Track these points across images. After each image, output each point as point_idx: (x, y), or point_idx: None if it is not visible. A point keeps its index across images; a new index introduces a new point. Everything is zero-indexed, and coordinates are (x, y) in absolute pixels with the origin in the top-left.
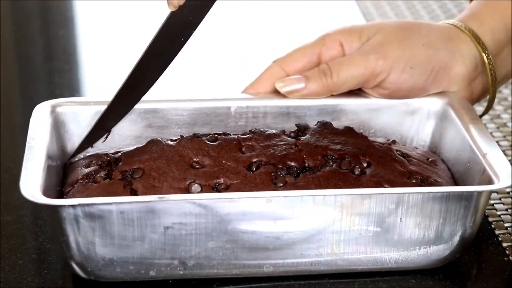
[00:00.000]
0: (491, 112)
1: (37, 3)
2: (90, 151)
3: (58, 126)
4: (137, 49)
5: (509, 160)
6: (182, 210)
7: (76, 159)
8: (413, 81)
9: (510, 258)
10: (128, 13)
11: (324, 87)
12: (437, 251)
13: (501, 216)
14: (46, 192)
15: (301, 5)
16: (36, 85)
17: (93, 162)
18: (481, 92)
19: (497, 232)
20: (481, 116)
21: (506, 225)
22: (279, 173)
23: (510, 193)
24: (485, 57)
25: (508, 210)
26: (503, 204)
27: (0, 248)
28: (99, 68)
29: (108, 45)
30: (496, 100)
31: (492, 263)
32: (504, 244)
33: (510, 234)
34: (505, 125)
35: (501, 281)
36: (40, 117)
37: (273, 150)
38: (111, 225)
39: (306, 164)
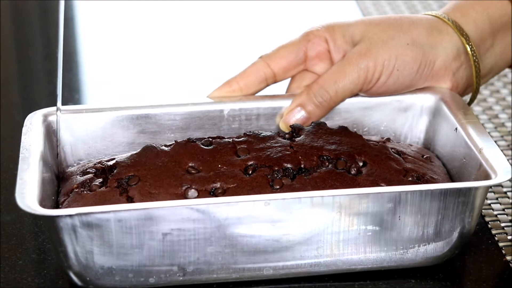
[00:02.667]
0: (489, 111)
1: (37, 3)
2: (83, 159)
3: (50, 135)
4: (136, 48)
5: (508, 160)
6: (180, 216)
7: (70, 168)
8: (399, 82)
9: (507, 258)
10: (128, 13)
11: (324, 109)
12: (436, 248)
13: (497, 216)
14: (42, 203)
15: (301, 5)
16: (36, 85)
17: (88, 170)
18: (466, 85)
19: (493, 231)
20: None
21: (502, 225)
22: (275, 175)
23: (507, 192)
24: (468, 48)
25: (505, 209)
26: (500, 204)
27: (0, 248)
28: (99, 68)
29: (108, 45)
30: (494, 100)
31: (490, 263)
32: (501, 244)
33: (506, 234)
34: (503, 125)
35: (499, 281)
36: (32, 127)
37: (268, 153)
38: (109, 233)
39: (302, 165)
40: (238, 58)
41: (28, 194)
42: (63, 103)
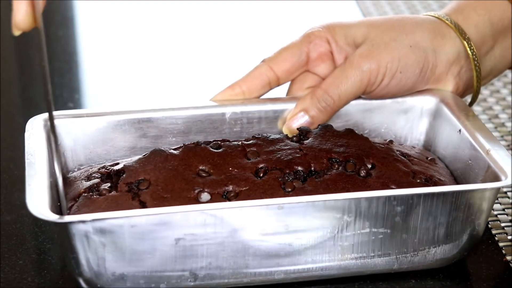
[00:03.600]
0: (489, 111)
1: None
2: (84, 164)
3: (51, 140)
4: (137, 49)
5: None
6: (194, 221)
7: (72, 173)
8: (401, 85)
9: (507, 258)
10: (128, 13)
11: (328, 114)
12: (446, 250)
13: (497, 216)
14: (51, 209)
15: (301, 6)
16: (36, 85)
17: (93, 175)
18: (466, 87)
19: (493, 231)
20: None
21: (502, 225)
22: (286, 178)
23: (507, 192)
24: (469, 52)
25: (505, 209)
26: (500, 204)
27: (0, 248)
28: (99, 68)
29: (108, 45)
30: (494, 100)
31: (490, 263)
32: (501, 244)
33: (506, 234)
34: (503, 125)
35: (499, 281)
36: (35, 132)
37: (278, 155)
38: (122, 239)
39: (312, 168)
40: (239, 60)
41: (39, 200)
42: (63, 104)
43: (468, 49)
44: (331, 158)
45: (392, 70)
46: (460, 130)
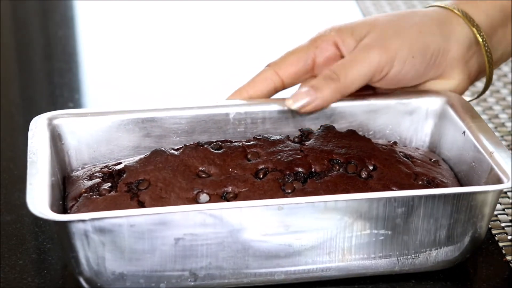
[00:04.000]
0: (489, 111)
1: (37, 3)
2: (88, 164)
3: (55, 139)
4: (137, 49)
5: None
6: (193, 220)
7: (75, 172)
8: (414, 70)
9: (507, 258)
10: (128, 13)
11: (335, 91)
12: (448, 252)
13: (497, 216)
14: (52, 208)
15: (301, 5)
16: (36, 85)
17: (94, 174)
18: (478, 72)
19: (493, 231)
20: (480, 95)
21: (502, 225)
22: (286, 179)
23: (507, 192)
24: (479, 38)
25: (505, 210)
26: (500, 204)
27: (0, 248)
28: (99, 68)
29: (108, 45)
30: (494, 100)
31: (490, 263)
32: (501, 244)
33: (506, 234)
34: (503, 125)
35: (499, 281)
36: (38, 131)
37: (279, 156)
38: (121, 238)
39: (313, 169)
40: (242, 60)
41: (39, 199)
42: (63, 104)
43: (478, 35)
44: (332, 159)
45: (403, 56)
46: (464, 132)
